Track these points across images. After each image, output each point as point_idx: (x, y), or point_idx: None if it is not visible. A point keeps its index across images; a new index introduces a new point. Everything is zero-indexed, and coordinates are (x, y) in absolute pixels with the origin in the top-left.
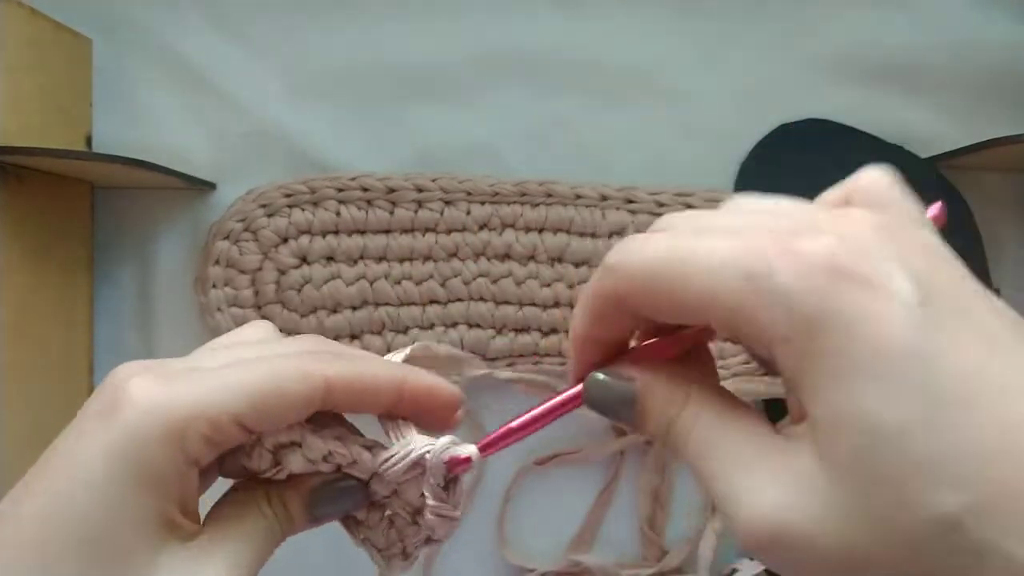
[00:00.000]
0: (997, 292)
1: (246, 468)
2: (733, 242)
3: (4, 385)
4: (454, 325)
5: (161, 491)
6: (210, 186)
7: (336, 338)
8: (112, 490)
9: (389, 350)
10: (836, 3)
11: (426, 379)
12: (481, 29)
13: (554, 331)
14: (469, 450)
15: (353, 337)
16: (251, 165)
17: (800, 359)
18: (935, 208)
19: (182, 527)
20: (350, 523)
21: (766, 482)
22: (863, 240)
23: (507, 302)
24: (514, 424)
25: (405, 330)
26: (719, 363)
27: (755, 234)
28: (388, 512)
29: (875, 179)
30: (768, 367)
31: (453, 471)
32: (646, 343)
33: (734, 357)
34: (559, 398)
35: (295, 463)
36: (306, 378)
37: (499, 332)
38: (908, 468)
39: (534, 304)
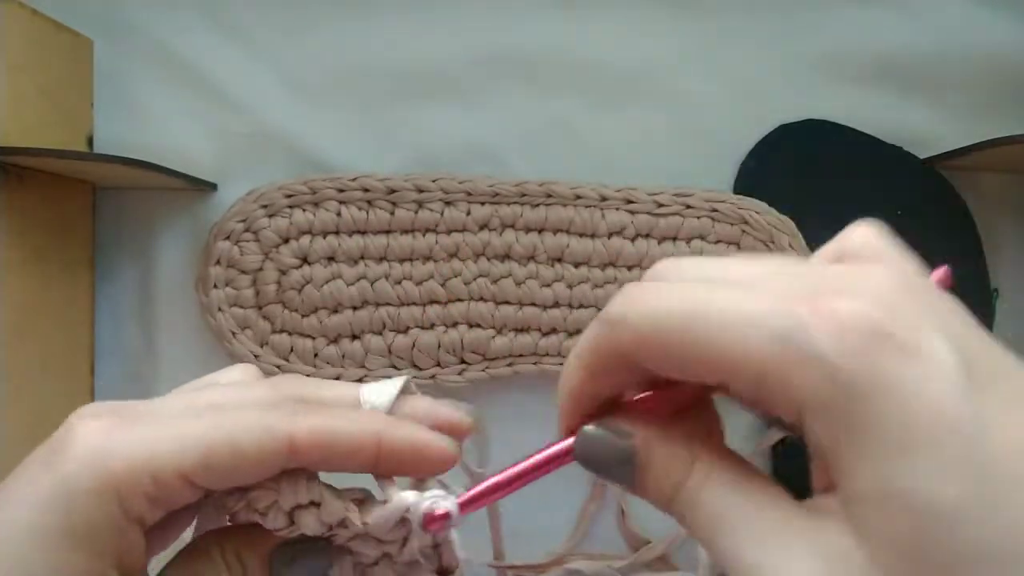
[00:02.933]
0: (996, 292)
1: (236, 517)
2: (758, 297)
3: (5, 385)
4: (454, 325)
5: (93, 548)
6: (211, 186)
7: (337, 338)
8: (37, 543)
9: (391, 351)
10: (835, 3)
11: (407, 435)
12: (481, 30)
13: (554, 331)
14: (447, 505)
15: (354, 337)
16: (252, 165)
17: (837, 429)
18: (940, 271)
19: None
20: None
21: (792, 559)
22: (897, 302)
23: (507, 302)
24: (500, 479)
25: (406, 330)
26: None
27: (782, 289)
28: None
29: (869, 235)
30: (790, 430)
31: (430, 528)
32: (642, 396)
33: None
34: (548, 452)
35: (309, 525)
36: (267, 435)
37: (499, 332)
38: (961, 551)
39: (534, 304)
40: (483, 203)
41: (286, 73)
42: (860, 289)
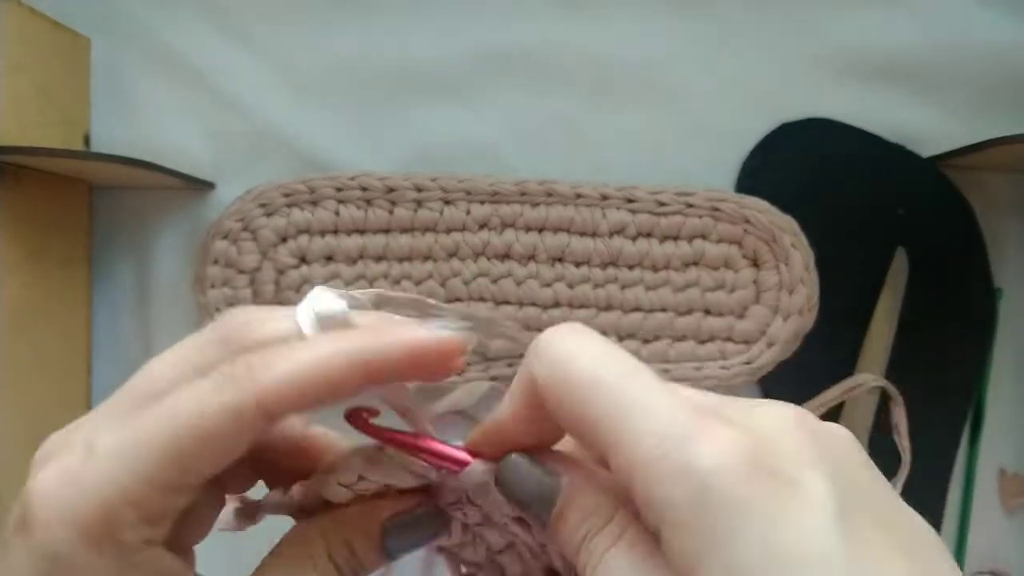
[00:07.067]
0: (999, 292)
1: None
2: (669, 394)
3: (2, 384)
4: None
5: None
6: (209, 185)
7: None
8: None
9: None
10: (837, 3)
11: (398, 342)
12: (481, 28)
13: None
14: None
15: None
16: (250, 164)
17: (699, 543)
18: None
19: None
20: (455, 557)
21: None
22: (784, 439)
23: (507, 302)
24: (408, 439)
25: None
26: (720, 363)
27: (694, 400)
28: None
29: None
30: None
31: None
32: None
33: (737, 356)
34: (450, 451)
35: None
36: (227, 411)
37: None
38: None
39: (534, 304)
40: (483, 202)
41: (285, 72)
42: (750, 425)
